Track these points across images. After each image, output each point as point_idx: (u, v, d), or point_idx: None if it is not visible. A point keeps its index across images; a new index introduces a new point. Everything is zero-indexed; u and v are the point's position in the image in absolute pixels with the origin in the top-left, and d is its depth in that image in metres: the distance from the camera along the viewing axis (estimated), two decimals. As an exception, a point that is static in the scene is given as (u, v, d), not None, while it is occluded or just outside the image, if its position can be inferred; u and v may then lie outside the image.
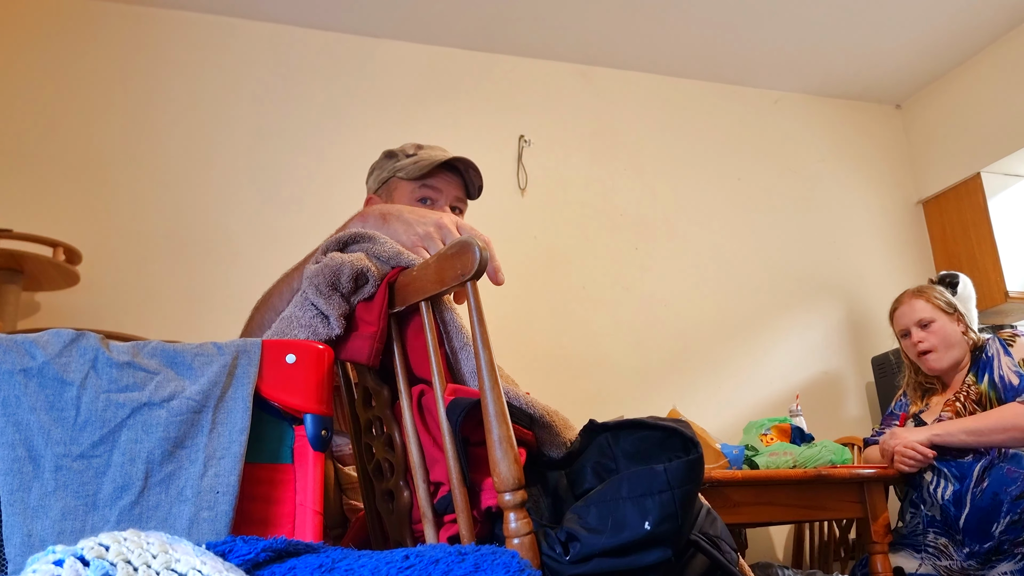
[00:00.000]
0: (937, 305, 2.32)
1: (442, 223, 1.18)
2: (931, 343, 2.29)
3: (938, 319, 2.30)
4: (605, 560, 0.90)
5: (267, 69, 3.06)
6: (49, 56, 2.81)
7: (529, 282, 3.09)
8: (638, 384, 3.11)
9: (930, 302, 2.33)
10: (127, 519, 0.87)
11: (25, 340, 0.93)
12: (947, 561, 2.06)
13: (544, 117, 3.34)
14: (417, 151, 1.55)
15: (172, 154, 2.85)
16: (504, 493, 0.92)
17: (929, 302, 2.33)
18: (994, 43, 3.49)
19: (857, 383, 3.42)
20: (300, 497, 0.99)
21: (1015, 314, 3.48)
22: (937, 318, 2.31)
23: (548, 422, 1.09)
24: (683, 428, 1.00)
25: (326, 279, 1.12)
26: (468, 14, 3.12)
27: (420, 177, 1.49)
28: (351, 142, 3.05)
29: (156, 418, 0.92)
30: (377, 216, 1.22)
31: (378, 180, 1.57)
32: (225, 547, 0.73)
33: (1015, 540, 1.96)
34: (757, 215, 3.52)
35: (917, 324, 2.34)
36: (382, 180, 1.56)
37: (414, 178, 1.49)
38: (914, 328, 2.34)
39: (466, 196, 1.57)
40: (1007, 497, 1.97)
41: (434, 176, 1.50)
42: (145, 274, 2.69)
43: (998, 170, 3.49)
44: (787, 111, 3.75)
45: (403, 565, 0.71)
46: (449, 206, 1.53)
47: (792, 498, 2.10)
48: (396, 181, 1.52)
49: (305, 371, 1.02)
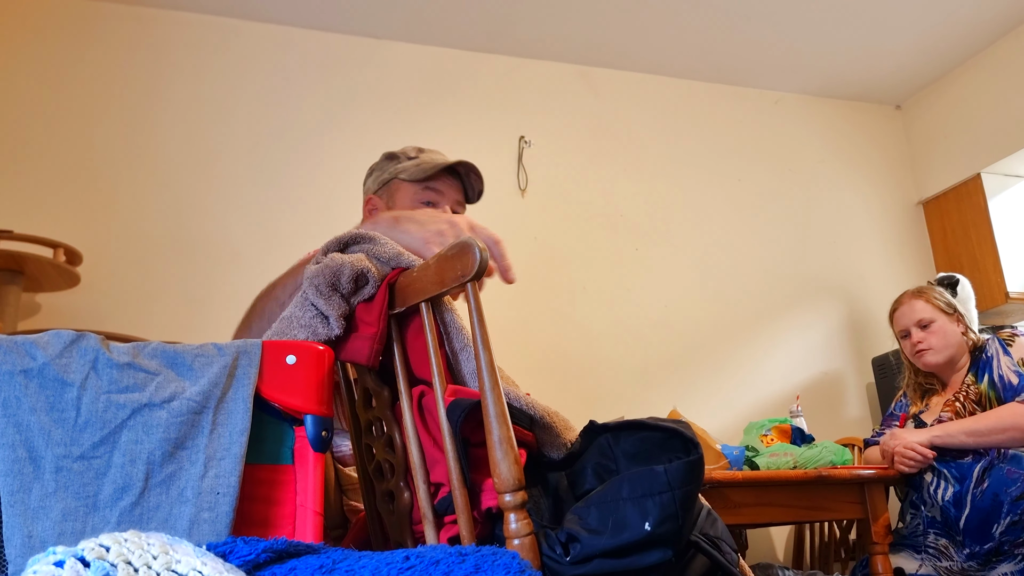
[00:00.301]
0: (937, 306, 2.33)
1: (455, 221, 1.19)
2: (930, 343, 2.30)
3: (938, 319, 2.31)
4: (606, 561, 0.90)
5: (268, 70, 3.06)
6: (50, 57, 2.81)
7: (529, 283, 3.09)
8: (638, 385, 3.11)
9: (930, 302, 2.34)
10: (128, 520, 0.88)
11: (25, 341, 0.93)
12: (947, 562, 2.06)
13: (544, 118, 3.35)
14: (419, 154, 1.56)
15: (172, 155, 2.85)
16: (504, 494, 0.92)
17: (929, 302, 2.34)
18: (994, 44, 3.49)
19: (857, 384, 3.42)
20: (300, 498, 0.99)
21: (1015, 315, 3.48)
22: (937, 318, 2.31)
23: (548, 423, 1.09)
24: (683, 429, 1.00)
25: (326, 280, 1.13)
26: (468, 15, 3.13)
27: (423, 179, 1.50)
28: (351, 143, 3.06)
29: (156, 419, 0.92)
30: (388, 219, 1.23)
31: (378, 181, 1.57)
32: (226, 548, 0.73)
33: (1015, 541, 1.96)
34: (757, 216, 3.52)
35: (917, 324, 2.34)
36: (383, 181, 1.56)
37: (417, 180, 1.49)
38: (914, 328, 2.35)
39: (465, 200, 1.58)
40: (1007, 498, 1.97)
41: (436, 179, 1.51)
42: (145, 275, 2.69)
43: (998, 171, 3.49)
44: (787, 112, 3.75)
45: (404, 566, 0.71)
46: (450, 209, 1.53)
47: (792, 499, 2.10)
48: (398, 183, 1.53)
49: (306, 372, 1.03)
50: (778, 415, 3.00)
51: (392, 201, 1.54)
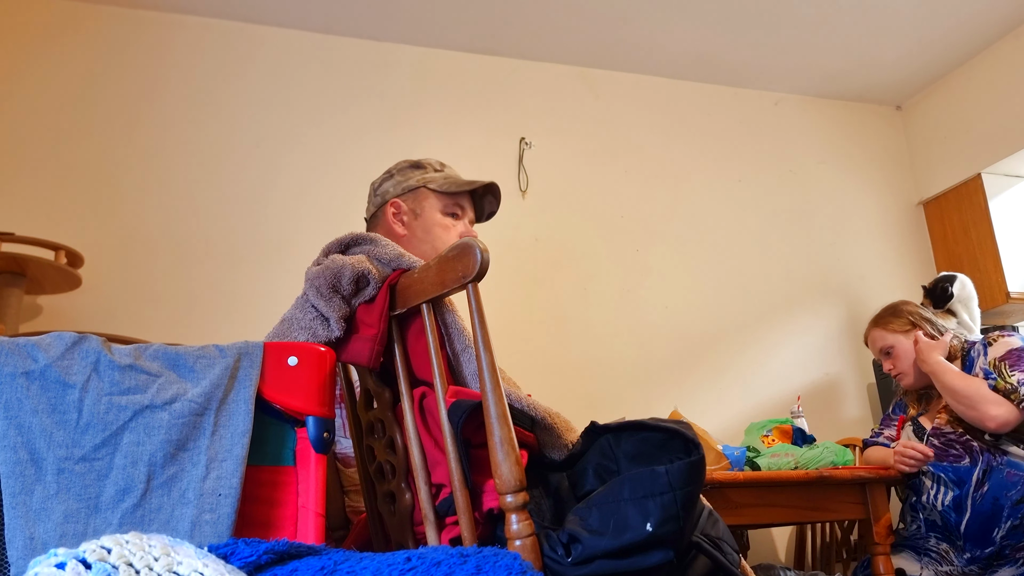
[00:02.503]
0: (892, 329, 2.38)
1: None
2: (899, 368, 2.36)
3: (896, 343, 2.36)
4: (607, 562, 0.90)
5: (268, 73, 3.06)
6: (50, 60, 2.82)
7: (530, 284, 3.09)
8: (639, 386, 3.11)
9: (885, 329, 2.39)
10: (129, 522, 0.88)
11: (27, 343, 0.93)
12: (948, 567, 2.05)
13: (545, 119, 3.35)
14: (443, 168, 1.61)
15: (173, 157, 2.85)
16: (506, 495, 0.92)
17: (884, 329, 2.39)
18: (994, 44, 3.49)
19: (858, 384, 3.41)
20: (302, 499, 0.99)
21: (1016, 315, 3.48)
22: (895, 342, 2.36)
23: (550, 424, 1.09)
24: (684, 430, 1.00)
25: (327, 281, 1.13)
26: (469, 17, 3.13)
27: (453, 193, 1.55)
28: (353, 145, 3.06)
29: (158, 421, 0.92)
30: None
31: (403, 187, 1.57)
32: (227, 549, 0.73)
33: (1016, 545, 1.95)
34: (757, 217, 3.52)
35: (880, 353, 2.42)
36: (408, 187, 1.56)
37: (448, 193, 1.54)
38: (881, 357, 2.42)
39: (475, 218, 1.63)
40: (1008, 502, 1.97)
41: (463, 196, 1.57)
42: (147, 277, 2.70)
43: (999, 171, 3.49)
44: (787, 113, 3.75)
45: (405, 567, 0.71)
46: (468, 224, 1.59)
47: (794, 499, 2.10)
48: (426, 192, 1.55)
49: (307, 373, 1.03)
50: (779, 416, 3.00)
51: (420, 208, 1.55)
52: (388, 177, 1.61)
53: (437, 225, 1.52)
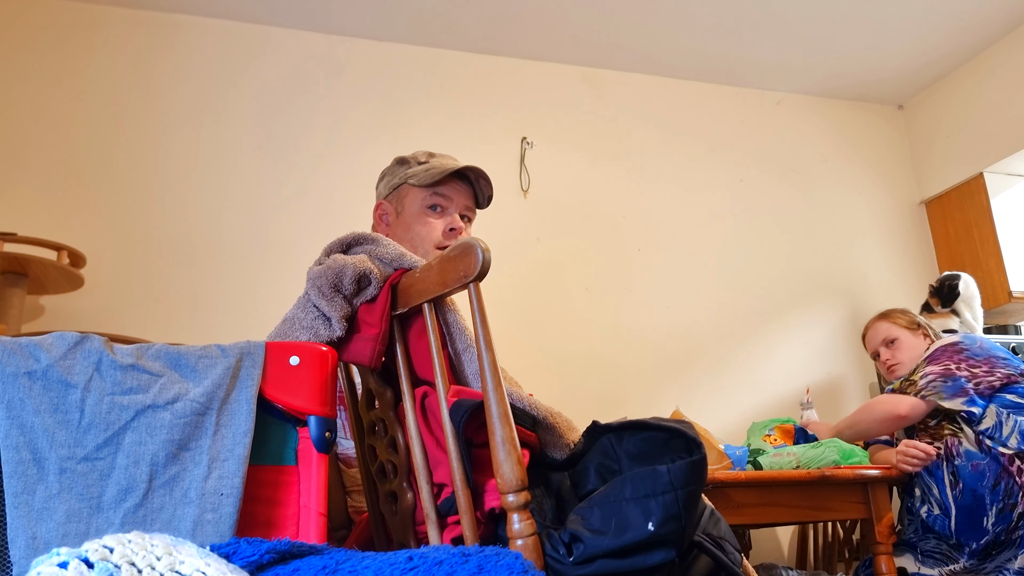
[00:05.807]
0: (900, 324, 2.48)
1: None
2: (898, 358, 2.44)
3: (902, 336, 2.45)
4: (609, 561, 0.90)
5: (269, 73, 3.06)
6: (53, 61, 2.82)
7: (532, 284, 3.09)
8: (641, 385, 3.10)
9: (894, 323, 2.49)
10: (131, 521, 0.88)
11: (29, 343, 0.93)
12: (952, 565, 2.06)
13: (546, 119, 3.35)
14: (429, 159, 1.56)
15: (175, 158, 2.86)
16: (507, 494, 0.92)
17: (893, 322, 2.50)
18: (996, 43, 3.48)
19: (861, 384, 3.41)
20: (304, 499, 0.99)
21: (1019, 314, 3.48)
22: (901, 336, 2.45)
23: (551, 424, 1.09)
24: (686, 429, 1.00)
25: (328, 280, 1.13)
26: (470, 17, 3.13)
27: (431, 184, 1.50)
28: (354, 145, 3.06)
29: (160, 420, 0.93)
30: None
31: (389, 186, 1.57)
32: (229, 549, 0.73)
33: (1009, 528, 1.97)
34: (759, 216, 3.52)
35: (883, 343, 2.49)
36: (393, 186, 1.56)
37: (425, 185, 1.50)
38: (882, 348, 2.49)
39: (475, 205, 1.59)
40: (986, 490, 2.01)
41: (445, 184, 1.52)
42: (149, 277, 2.70)
43: (1001, 170, 3.49)
44: (789, 112, 3.75)
45: (407, 567, 0.71)
46: (459, 214, 1.53)
47: (796, 499, 2.10)
48: (407, 188, 1.53)
49: (309, 373, 1.03)
50: (781, 415, 3.00)
51: (401, 206, 1.54)
52: (381, 178, 1.61)
53: (416, 221, 1.50)
